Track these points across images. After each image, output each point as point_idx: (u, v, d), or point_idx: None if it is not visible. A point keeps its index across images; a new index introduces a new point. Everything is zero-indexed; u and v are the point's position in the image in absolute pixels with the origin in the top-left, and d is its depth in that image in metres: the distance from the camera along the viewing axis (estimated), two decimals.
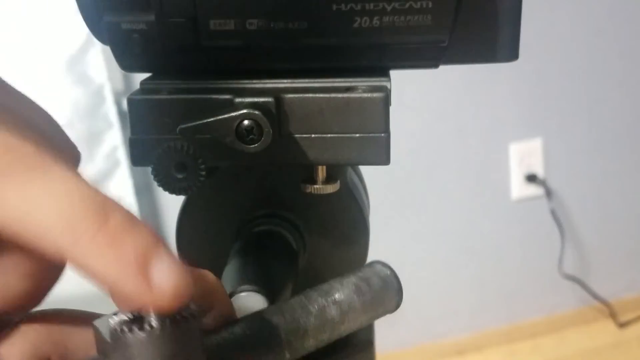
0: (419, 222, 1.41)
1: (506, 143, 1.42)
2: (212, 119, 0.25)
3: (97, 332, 0.19)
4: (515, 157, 1.43)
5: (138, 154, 0.26)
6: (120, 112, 1.10)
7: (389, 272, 0.25)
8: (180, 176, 0.25)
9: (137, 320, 0.18)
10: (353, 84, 0.27)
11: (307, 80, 0.27)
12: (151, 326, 0.18)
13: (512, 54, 0.28)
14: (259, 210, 0.31)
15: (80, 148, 0.24)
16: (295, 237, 0.31)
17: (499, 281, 1.50)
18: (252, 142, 0.25)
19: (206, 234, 0.32)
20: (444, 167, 1.40)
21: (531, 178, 1.45)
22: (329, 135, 0.26)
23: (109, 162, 1.11)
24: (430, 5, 0.26)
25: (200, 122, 0.25)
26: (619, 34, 1.41)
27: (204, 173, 0.25)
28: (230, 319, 0.23)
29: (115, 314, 0.19)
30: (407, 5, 0.26)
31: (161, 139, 0.26)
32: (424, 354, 1.48)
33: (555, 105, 1.42)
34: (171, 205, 1.20)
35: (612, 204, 1.53)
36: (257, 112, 0.24)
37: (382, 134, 0.26)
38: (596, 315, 1.56)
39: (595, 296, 1.54)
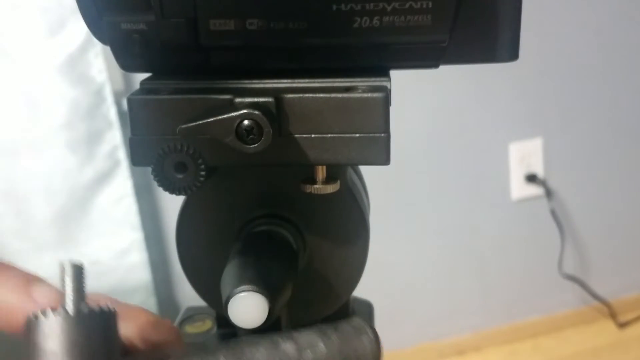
0: (419, 222, 1.41)
1: (506, 143, 1.42)
2: (212, 119, 0.25)
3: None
4: (515, 157, 1.43)
5: (138, 154, 0.26)
6: (120, 112, 1.10)
7: (363, 324, 0.23)
8: (180, 176, 0.25)
9: (54, 312, 0.19)
10: (353, 84, 0.27)
11: (307, 80, 0.27)
12: (66, 311, 0.19)
13: (512, 54, 0.28)
14: (259, 210, 0.31)
15: (80, 148, 0.25)
16: (295, 237, 0.31)
17: (499, 281, 1.50)
18: (252, 142, 0.25)
19: (206, 234, 0.32)
20: (443, 167, 1.40)
21: (531, 178, 1.45)
22: (329, 135, 0.26)
23: (109, 162, 1.11)
24: (430, 5, 0.26)
25: (200, 122, 0.25)
26: (619, 33, 1.41)
27: (204, 173, 0.25)
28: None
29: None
30: (407, 5, 0.26)
31: (161, 139, 0.26)
32: (424, 354, 1.48)
33: (555, 105, 1.42)
34: (171, 205, 1.20)
35: (612, 204, 1.53)
36: (257, 112, 0.24)
37: (382, 134, 0.26)
38: (596, 315, 1.56)
39: (595, 296, 1.54)
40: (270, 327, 0.23)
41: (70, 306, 0.19)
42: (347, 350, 0.22)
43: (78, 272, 0.20)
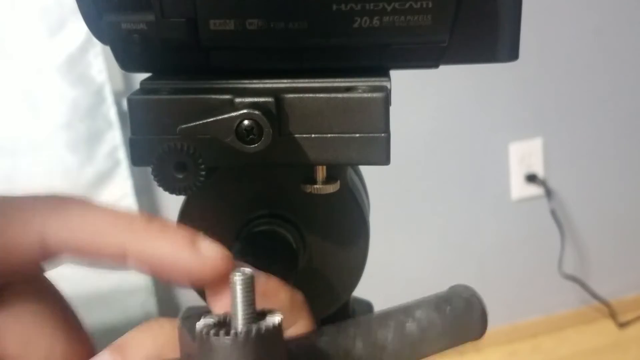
0: (419, 222, 1.41)
1: (506, 143, 1.42)
2: (212, 119, 0.25)
3: (182, 333, 0.20)
4: (515, 157, 1.43)
5: (138, 154, 0.26)
6: (120, 112, 1.10)
7: (471, 294, 0.24)
8: (180, 176, 0.25)
9: (223, 324, 0.19)
10: (353, 84, 0.27)
11: (307, 80, 0.27)
12: (237, 332, 0.18)
13: (512, 54, 0.28)
14: (259, 210, 0.31)
15: (80, 148, 0.25)
16: (295, 237, 0.31)
17: (499, 281, 1.50)
18: (252, 142, 0.25)
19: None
20: (443, 167, 1.40)
21: (531, 178, 1.45)
22: (329, 135, 0.26)
23: (109, 162, 1.11)
24: (430, 5, 0.26)
25: (200, 122, 0.25)
26: (619, 34, 1.41)
27: (204, 173, 0.25)
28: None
29: (201, 315, 0.20)
30: (407, 5, 0.26)
31: (161, 139, 0.26)
32: None
33: (555, 105, 1.43)
34: (171, 205, 1.20)
35: (612, 204, 1.53)
36: (257, 112, 0.24)
37: (382, 134, 0.26)
38: (596, 315, 1.56)
39: (595, 296, 1.54)
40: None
41: (242, 325, 0.19)
42: (459, 325, 0.23)
43: (249, 284, 0.19)
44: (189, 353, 0.20)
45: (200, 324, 0.19)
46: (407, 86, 1.06)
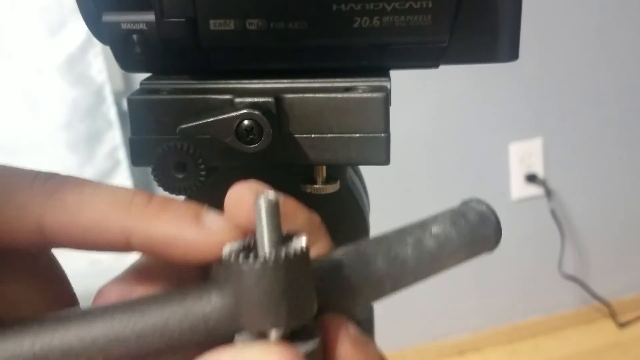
0: None
1: (506, 143, 1.42)
2: (212, 119, 0.25)
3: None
4: (515, 157, 1.43)
5: (138, 154, 0.26)
6: (120, 112, 1.10)
7: (485, 208, 0.25)
8: (180, 176, 0.25)
9: (249, 249, 0.19)
10: (353, 84, 0.27)
11: (307, 80, 0.27)
12: (266, 257, 0.18)
13: (512, 54, 0.28)
14: None
15: (80, 148, 0.25)
16: None
17: (498, 281, 1.50)
18: (252, 142, 0.25)
19: None
20: (443, 167, 1.40)
21: (531, 178, 1.45)
22: (329, 135, 0.26)
23: (109, 162, 1.11)
24: (430, 5, 0.26)
25: (200, 122, 0.25)
26: (619, 33, 1.41)
27: (204, 173, 0.25)
28: None
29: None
30: (407, 5, 0.26)
31: (161, 139, 0.26)
32: (424, 354, 1.48)
33: (555, 105, 1.43)
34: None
35: (612, 204, 1.53)
36: (257, 112, 0.24)
37: (382, 134, 0.26)
38: (596, 315, 1.56)
39: (595, 296, 1.54)
40: None
41: (269, 249, 0.19)
42: (475, 238, 0.24)
43: (275, 208, 0.19)
44: (217, 278, 0.20)
45: (226, 248, 0.19)
46: (407, 86, 1.07)
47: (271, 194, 0.19)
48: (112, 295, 0.22)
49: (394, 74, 0.29)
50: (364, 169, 0.35)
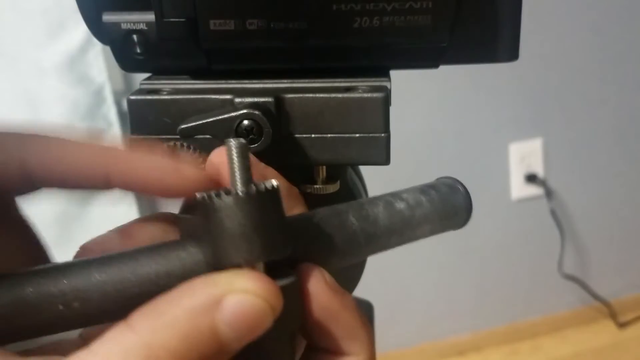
0: None
1: (506, 143, 1.42)
2: (212, 119, 0.25)
3: (182, 220, 0.22)
4: (515, 157, 1.43)
5: None
6: (120, 112, 1.10)
7: (452, 180, 0.26)
8: None
9: (226, 191, 0.19)
10: (353, 84, 0.27)
11: (307, 80, 0.27)
12: (237, 191, 0.19)
13: (512, 54, 0.28)
14: None
15: None
16: None
17: (499, 281, 1.50)
18: (252, 142, 0.25)
19: None
20: (443, 167, 1.40)
21: (531, 178, 1.45)
22: (329, 135, 0.26)
23: None
24: (430, 5, 0.26)
25: (200, 122, 0.25)
26: (619, 33, 1.41)
27: None
28: None
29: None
30: (407, 5, 0.26)
31: (161, 139, 0.26)
32: (424, 354, 1.48)
33: (555, 105, 1.43)
34: (171, 205, 1.20)
35: (612, 204, 1.53)
36: (257, 112, 0.24)
37: (382, 134, 0.26)
38: (596, 315, 1.56)
39: (595, 296, 1.54)
40: None
41: (241, 187, 0.19)
42: (445, 206, 0.25)
43: (244, 150, 0.20)
44: (190, 232, 0.20)
45: (199, 194, 0.19)
46: (407, 86, 1.07)
47: (241, 139, 0.20)
48: (95, 252, 0.23)
49: (394, 74, 0.29)
50: (364, 169, 0.35)
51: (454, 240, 1.44)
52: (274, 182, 0.20)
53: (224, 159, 0.21)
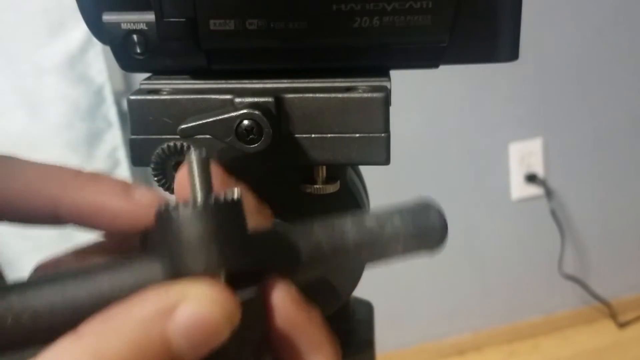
0: None
1: (506, 143, 1.42)
2: (212, 119, 0.25)
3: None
4: (515, 157, 1.43)
5: (138, 154, 0.26)
6: (120, 112, 1.10)
7: (427, 200, 0.25)
8: None
9: (185, 203, 0.19)
10: (353, 84, 0.27)
11: (307, 80, 0.27)
12: (196, 203, 0.19)
13: (512, 54, 0.28)
14: None
15: (80, 148, 0.25)
16: None
17: (499, 281, 1.50)
18: (252, 142, 0.25)
19: None
20: (443, 167, 1.40)
21: (531, 178, 1.45)
22: (329, 135, 0.26)
23: (109, 162, 1.11)
24: (430, 5, 0.26)
25: (200, 122, 0.25)
26: (619, 34, 1.41)
27: None
28: None
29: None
30: (407, 5, 0.26)
31: (161, 139, 0.26)
32: (424, 354, 1.48)
33: (555, 105, 1.43)
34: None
35: (612, 204, 1.53)
36: (257, 112, 0.24)
37: (382, 134, 0.26)
38: (596, 315, 1.56)
39: (595, 296, 1.54)
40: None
41: (200, 198, 0.19)
42: (418, 224, 0.24)
43: (205, 162, 0.20)
44: (149, 248, 0.20)
45: (158, 206, 0.19)
46: (407, 86, 1.07)
47: (202, 151, 0.20)
48: (50, 270, 0.23)
49: (394, 74, 0.29)
50: (364, 169, 0.35)
51: (454, 240, 1.44)
52: (236, 194, 0.19)
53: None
